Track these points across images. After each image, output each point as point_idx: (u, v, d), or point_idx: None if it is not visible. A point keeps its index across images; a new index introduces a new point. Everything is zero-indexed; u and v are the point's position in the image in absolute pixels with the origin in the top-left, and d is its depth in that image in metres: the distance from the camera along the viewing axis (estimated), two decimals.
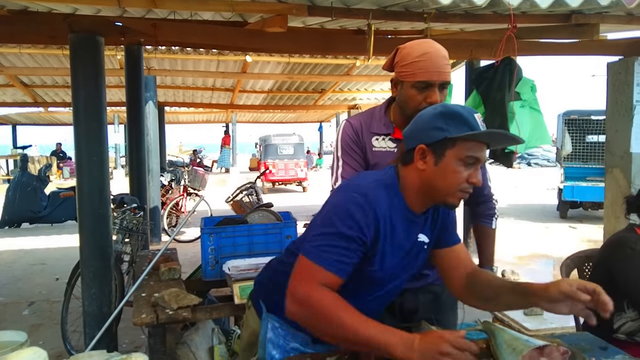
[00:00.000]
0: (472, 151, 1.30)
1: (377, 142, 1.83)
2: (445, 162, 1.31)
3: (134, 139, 6.17)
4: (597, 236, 8.23)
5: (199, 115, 18.28)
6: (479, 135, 1.30)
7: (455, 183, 1.32)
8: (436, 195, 1.36)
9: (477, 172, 1.33)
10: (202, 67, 8.22)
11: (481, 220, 2.05)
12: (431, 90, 1.68)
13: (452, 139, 1.30)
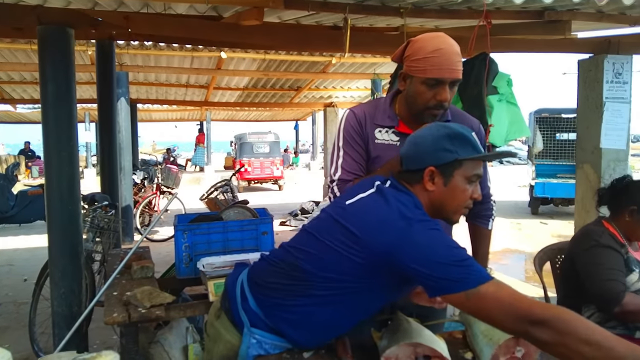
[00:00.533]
0: (477, 170, 1.40)
1: (380, 134, 1.80)
2: (454, 183, 1.39)
3: (105, 136, 6.02)
4: (567, 231, 8.41)
5: (173, 113, 18.03)
6: (489, 157, 1.44)
7: (463, 201, 1.41)
8: (444, 213, 1.43)
9: (477, 187, 1.42)
10: (175, 63, 8.08)
11: (478, 221, 2.01)
12: (442, 88, 1.65)
13: (459, 160, 1.37)
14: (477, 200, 1.42)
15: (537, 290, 5.01)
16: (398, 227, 1.28)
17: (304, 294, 1.39)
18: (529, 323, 1.15)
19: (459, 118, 1.86)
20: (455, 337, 1.61)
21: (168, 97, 11.36)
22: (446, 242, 1.28)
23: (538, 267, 2.53)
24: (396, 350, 1.37)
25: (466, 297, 1.21)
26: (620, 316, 1.99)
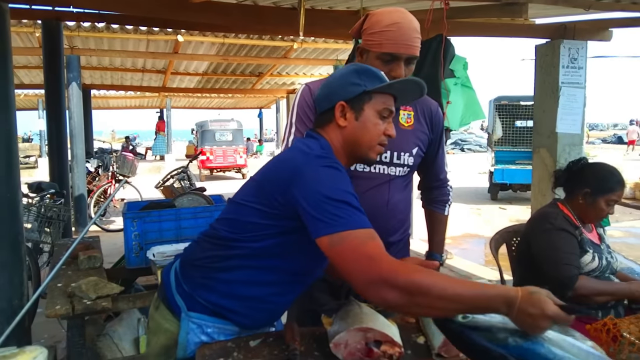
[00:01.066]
0: (387, 104, 1.38)
1: None
2: (365, 116, 1.37)
3: (54, 122, 5.73)
4: (525, 216, 8.61)
5: (131, 100, 17.47)
6: (394, 86, 1.38)
7: (376, 136, 1.38)
8: (359, 150, 1.40)
9: (391, 125, 1.40)
10: (130, 46, 7.78)
11: (434, 206, 1.97)
12: (397, 64, 1.60)
13: (368, 93, 1.36)
14: (391, 137, 1.40)
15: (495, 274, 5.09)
16: (294, 163, 1.26)
17: (230, 263, 1.35)
18: (383, 284, 1.08)
19: (418, 98, 1.80)
20: (407, 321, 1.56)
21: (124, 82, 10.99)
22: (336, 182, 1.21)
23: (494, 249, 2.53)
24: (345, 336, 1.31)
25: (330, 242, 1.14)
26: (574, 299, 2.00)
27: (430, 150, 1.83)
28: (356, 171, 1.69)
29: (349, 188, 1.23)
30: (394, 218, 1.77)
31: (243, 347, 1.40)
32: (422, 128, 1.77)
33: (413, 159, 1.74)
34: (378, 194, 1.71)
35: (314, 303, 1.79)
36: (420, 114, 1.78)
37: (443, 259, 1.99)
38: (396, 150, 1.71)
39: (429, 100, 1.87)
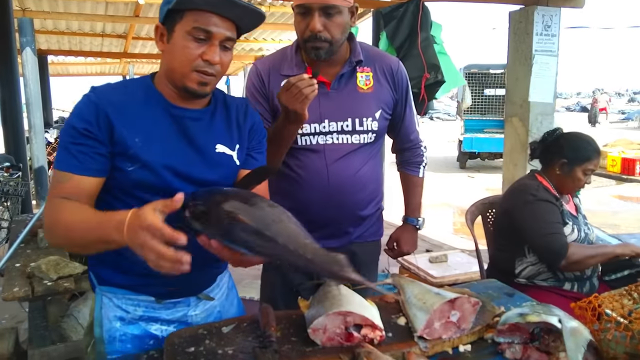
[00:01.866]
0: (199, 23, 1.16)
1: None
2: (175, 38, 1.18)
3: (7, 91, 5.38)
4: (493, 184, 8.75)
5: (92, 66, 16.75)
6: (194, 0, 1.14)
7: (187, 60, 1.18)
8: (175, 78, 1.22)
9: (212, 49, 1.18)
10: (88, 9, 7.35)
11: (407, 168, 1.89)
12: (311, 16, 1.48)
13: (179, 11, 1.16)
14: (211, 62, 1.18)
15: (465, 242, 5.14)
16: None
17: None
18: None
19: (377, 57, 1.70)
20: (387, 301, 1.51)
21: (83, 48, 10.47)
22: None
23: (469, 221, 2.50)
24: (324, 320, 1.24)
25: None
26: (567, 268, 2.00)
27: (397, 111, 1.74)
28: (318, 144, 1.61)
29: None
30: (364, 190, 1.70)
31: (215, 333, 1.32)
32: (384, 89, 1.67)
33: (377, 123, 1.65)
34: (344, 165, 1.63)
35: (287, 283, 1.72)
36: (380, 74, 1.67)
37: (419, 224, 1.94)
38: (357, 116, 1.62)
39: (388, 57, 1.76)
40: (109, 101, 1.19)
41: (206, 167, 1.28)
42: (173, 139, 1.24)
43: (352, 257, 1.71)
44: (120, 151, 1.19)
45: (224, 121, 1.33)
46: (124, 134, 1.19)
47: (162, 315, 1.37)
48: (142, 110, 1.22)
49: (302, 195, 1.63)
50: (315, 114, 1.58)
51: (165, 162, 1.22)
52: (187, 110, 1.26)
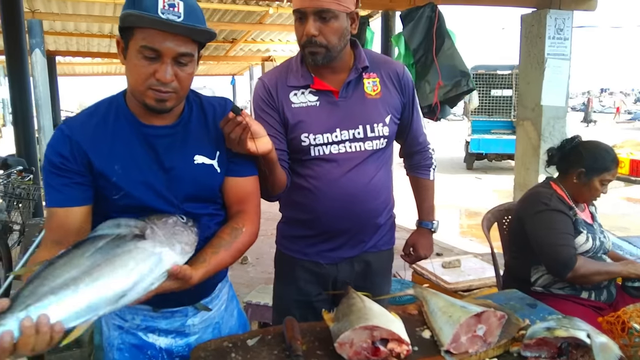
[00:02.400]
0: (147, 41, 1.11)
1: (296, 97, 1.59)
2: (129, 55, 1.15)
3: (18, 92, 5.38)
4: (501, 186, 8.72)
5: (98, 66, 16.77)
6: (128, 18, 1.09)
7: (140, 79, 1.14)
8: (135, 95, 1.19)
9: (162, 67, 1.13)
10: (96, 11, 7.36)
11: (417, 172, 1.88)
12: (306, 21, 1.46)
13: (130, 28, 1.12)
14: (161, 81, 1.13)
15: (474, 245, 5.13)
16: None
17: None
18: None
19: (382, 62, 1.69)
20: (410, 313, 1.51)
21: (91, 48, 10.49)
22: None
23: (486, 228, 2.49)
24: (351, 334, 1.24)
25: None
26: (572, 280, 1.98)
27: (405, 115, 1.73)
28: (331, 154, 1.59)
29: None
30: (378, 198, 1.69)
31: (240, 346, 1.32)
32: (392, 94, 1.66)
33: (388, 128, 1.64)
34: (359, 174, 1.62)
35: (302, 294, 1.71)
36: (387, 79, 1.66)
37: (434, 227, 1.93)
38: (368, 122, 1.61)
39: (393, 62, 1.76)
40: (83, 133, 1.20)
41: (185, 183, 1.26)
42: (148, 160, 1.23)
43: (366, 266, 1.72)
44: (103, 181, 1.21)
45: (201, 129, 1.30)
46: (103, 164, 1.20)
47: (161, 324, 1.36)
48: (116, 135, 1.22)
49: (317, 206, 1.61)
50: (326, 123, 1.58)
51: (146, 185, 1.22)
52: (157, 128, 1.24)
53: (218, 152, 1.30)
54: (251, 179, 1.37)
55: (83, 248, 1.05)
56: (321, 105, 1.58)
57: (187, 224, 1.18)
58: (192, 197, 1.27)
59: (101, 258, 1.04)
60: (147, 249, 1.09)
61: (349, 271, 1.70)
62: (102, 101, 1.28)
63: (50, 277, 1.00)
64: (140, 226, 1.12)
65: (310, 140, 1.57)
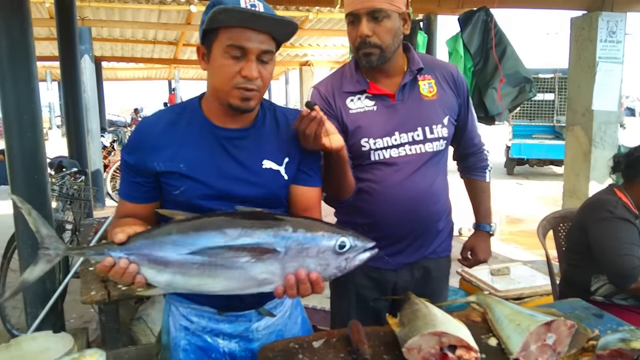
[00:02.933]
0: (233, 40, 1.16)
1: (353, 102, 1.61)
2: (213, 57, 1.20)
3: (70, 97, 5.62)
4: (543, 192, 8.51)
5: (139, 71, 17.27)
6: (217, 17, 1.12)
7: (226, 79, 1.18)
8: (220, 96, 1.23)
9: (249, 64, 1.17)
10: (142, 17, 7.59)
11: (473, 174, 1.86)
12: (359, 23, 1.48)
13: (214, 30, 1.17)
14: (248, 78, 1.16)
15: (518, 252, 5.03)
16: None
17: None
18: None
19: (435, 64, 1.69)
20: (473, 320, 1.49)
21: (135, 54, 10.81)
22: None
23: (541, 235, 2.44)
24: (419, 340, 1.24)
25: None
26: (635, 292, 1.92)
27: (461, 116, 1.72)
28: (392, 157, 1.59)
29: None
30: (438, 202, 1.69)
31: (307, 348, 1.34)
32: (448, 94, 1.66)
33: (447, 129, 1.64)
34: (421, 177, 1.62)
35: (361, 298, 1.72)
36: (442, 81, 1.66)
37: (492, 229, 1.90)
38: (427, 124, 1.61)
39: (446, 64, 1.76)
40: (155, 133, 1.26)
41: (251, 185, 1.28)
42: (217, 159, 1.26)
43: (425, 273, 1.72)
44: (166, 178, 1.26)
45: (272, 135, 1.32)
46: (168, 163, 1.24)
47: (225, 328, 1.38)
48: (187, 136, 1.26)
49: (379, 210, 1.61)
50: (384, 127, 1.58)
51: (209, 183, 1.25)
52: (231, 131, 1.28)
53: (286, 159, 1.33)
54: (317, 190, 1.40)
55: (206, 237, 1.08)
56: (378, 109, 1.59)
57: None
58: (256, 199, 1.29)
59: (221, 261, 1.08)
60: (275, 280, 1.10)
61: (409, 277, 1.70)
62: (178, 105, 1.34)
63: (169, 247, 1.09)
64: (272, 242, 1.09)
65: (370, 144, 1.58)
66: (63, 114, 5.73)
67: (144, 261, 1.09)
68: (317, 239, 1.08)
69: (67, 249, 1.14)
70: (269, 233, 1.07)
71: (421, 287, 1.68)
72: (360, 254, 1.13)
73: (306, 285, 1.08)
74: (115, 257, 1.08)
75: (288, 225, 1.09)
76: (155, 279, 1.11)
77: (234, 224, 1.09)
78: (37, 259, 1.12)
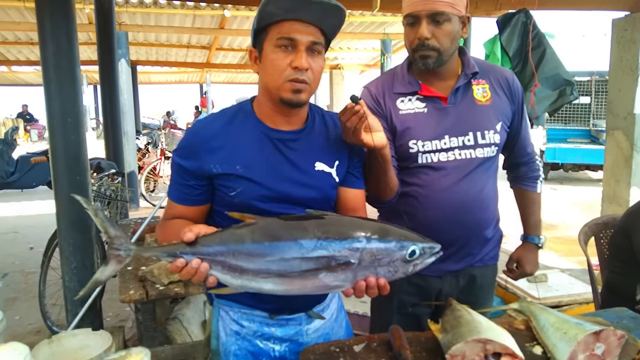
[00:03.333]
0: (282, 32, 1.19)
1: (403, 104, 1.58)
2: (265, 54, 1.23)
3: (108, 100, 5.77)
4: (579, 198, 8.29)
5: (172, 75, 17.60)
6: (267, 9, 1.16)
7: (277, 72, 1.21)
8: (272, 93, 1.25)
9: (299, 54, 1.19)
10: (176, 22, 7.75)
11: (524, 184, 1.81)
12: (419, 24, 1.45)
13: (263, 29, 1.22)
14: (299, 68, 1.18)
15: (553, 259, 4.91)
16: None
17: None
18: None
19: (490, 69, 1.65)
20: (517, 327, 1.46)
21: (169, 58, 11.03)
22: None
23: (583, 242, 2.37)
24: (463, 347, 1.22)
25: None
26: None
27: (514, 124, 1.67)
28: (440, 162, 1.56)
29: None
30: (487, 209, 1.65)
31: (347, 351, 1.33)
32: (502, 100, 1.62)
33: (499, 135, 1.60)
34: (470, 182, 1.58)
35: (402, 304, 1.70)
36: (497, 86, 1.62)
37: (541, 242, 1.84)
38: (479, 129, 1.57)
39: (502, 69, 1.72)
40: (210, 135, 1.27)
41: (306, 186, 1.29)
42: (272, 160, 1.27)
43: (471, 281, 1.69)
44: (222, 180, 1.26)
45: (322, 138, 1.34)
46: (224, 164, 1.25)
47: (276, 332, 1.38)
48: (241, 138, 1.27)
49: (425, 215, 1.58)
50: (434, 130, 1.56)
51: (266, 184, 1.26)
52: (284, 132, 1.29)
53: (337, 161, 1.34)
54: (363, 192, 1.42)
55: (282, 249, 1.09)
56: (429, 111, 1.57)
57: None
58: (309, 200, 1.29)
59: (296, 273, 1.09)
60: (345, 285, 1.11)
61: (454, 285, 1.67)
62: (229, 108, 1.36)
63: (244, 257, 1.09)
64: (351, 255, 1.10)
65: (418, 147, 1.56)
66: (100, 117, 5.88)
67: (217, 266, 1.10)
68: (389, 249, 1.10)
69: (138, 249, 1.14)
70: (343, 245, 1.08)
71: (466, 295, 1.65)
72: (427, 258, 1.16)
73: (374, 290, 1.11)
74: (187, 259, 1.09)
75: (361, 234, 1.10)
76: (228, 282, 1.12)
77: (308, 234, 1.08)
78: (108, 259, 1.13)
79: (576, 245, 2.40)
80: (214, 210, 1.34)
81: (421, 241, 1.15)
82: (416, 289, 1.67)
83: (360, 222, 1.15)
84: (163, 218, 1.35)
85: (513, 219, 1.94)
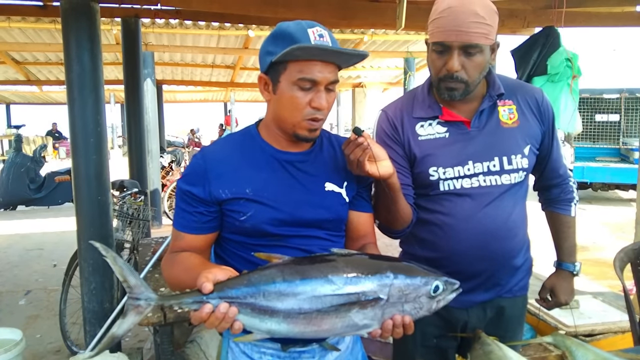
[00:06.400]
0: (304, 73, 1.17)
1: (423, 129, 1.51)
2: (281, 89, 1.20)
3: (133, 119, 5.85)
4: (609, 218, 8.03)
5: (197, 94, 17.88)
6: (294, 52, 1.13)
7: (296, 110, 1.20)
8: (284, 126, 1.24)
9: (318, 95, 1.19)
10: (201, 42, 7.87)
11: (557, 207, 1.70)
12: (450, 55, 1.37)
13: (283, 62, 1.17)
14: (319, 109, 1.19)
15: (583, 283, 4.72)
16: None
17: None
18: None
19: (518, 88, 1.56)
20: None
21: (193, 77, 11.20)
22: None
23: (618, 269, 2.25)
24: None
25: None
26: None
27: (544, 145, 1.57)
28: (463, 188, 1.48)
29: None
30: (516, 237, 1.55)
31: None
32: (530, 122, 1.52)
33: (527, 159, 1.50)
34: (497, 209, 1.49)
35: (426, 335, 1.61)
36: (525, 106, 1.53)
37: (577, 270, 1.73)
38: (505, 154, 1.48)
39: (532, 88, 1.61)
40: (217, 160, 1.25)
41: (318, 207, 1.27)
42: (282, 182, 1.25)
43: (499, 312, 1.59)
44: (231, 205, 1.23)
45: (330, 159, 1.33)
46: (234, 189, 1.23)
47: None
48: (250, 162, 1.26)
49: (449, 244, 1.50)
50: (457, 156, 1.48)
51: (277, 206, 1.23)
52: (292, 154, 1.28)
53: (345, 182, 1.33)
54: (372, 216, 1.40)
55: (313, 286, 1.05)
56: (451, 136, 1.49)
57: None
58: (322, 222, 1.28)
59: (327, 310, 1.05)
60: (373, 325, 1.09)
61: (481, 317, 1.57)
62: (235, 133, 1.35)
63: (275, 296, 1.05)
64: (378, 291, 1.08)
65: (439, 174, 1.48)
66: (125, 136, 5.97)
67: (246, 309, 1.05)
68: (415, 284, 1.09)
69: (160, 298, 1.06)
70: (372, 281, 1.06)
71: (494, 327, 1.55)
72: (448, 294, 1.13)
73: (400, 329, 1.09)
74: (215, 304, 1.03)
75: (389, 270, 1.08)
76: (255, 327, 1.07)
77: (338, 271, 1.06)
78: (127, 311, 1.07)
79: (607, 267, 2.29)
80: (221, 237, 1.31)
81: (442, 277, 1.12)
82: (441, 320, 1.57)
83: (384, 260, 1.13)
84: (169, 251, 1.31)
85: (545, 241, 1.84)
